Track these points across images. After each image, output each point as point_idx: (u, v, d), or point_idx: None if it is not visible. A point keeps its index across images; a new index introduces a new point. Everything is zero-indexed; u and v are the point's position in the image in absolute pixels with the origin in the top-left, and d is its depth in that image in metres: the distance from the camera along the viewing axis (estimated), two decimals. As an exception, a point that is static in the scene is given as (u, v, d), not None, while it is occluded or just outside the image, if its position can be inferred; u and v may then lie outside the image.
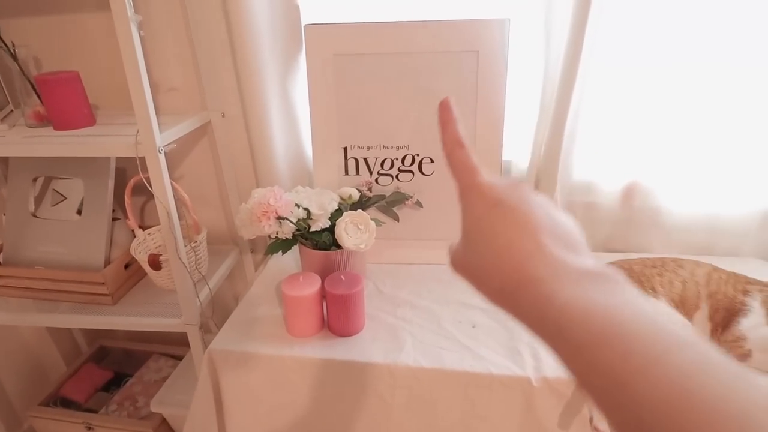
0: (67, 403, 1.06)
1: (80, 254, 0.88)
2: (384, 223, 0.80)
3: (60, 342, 1.23)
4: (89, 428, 0.99)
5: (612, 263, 0.75)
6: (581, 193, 0.93)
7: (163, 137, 0.72)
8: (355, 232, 0.71)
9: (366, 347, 0.69)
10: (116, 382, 1.14)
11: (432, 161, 0.87)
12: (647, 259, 0.74)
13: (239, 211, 0.71)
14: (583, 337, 0.21)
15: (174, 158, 1.01)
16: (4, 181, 1.01)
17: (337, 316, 0.71)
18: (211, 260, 0.96)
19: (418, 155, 0.87)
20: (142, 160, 0.70)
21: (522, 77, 0.84)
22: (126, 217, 0.90)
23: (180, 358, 1.14)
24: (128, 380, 1.13)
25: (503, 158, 0.85)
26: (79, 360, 1.17)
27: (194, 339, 0.81)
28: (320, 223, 0.72)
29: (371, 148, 0.87)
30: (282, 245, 0.75)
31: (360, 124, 0.86)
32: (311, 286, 0.70)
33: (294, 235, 0.74)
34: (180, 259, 0.75)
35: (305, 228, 0.73)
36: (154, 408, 0.96)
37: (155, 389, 1.02)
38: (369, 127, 0.86)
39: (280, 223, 0.70)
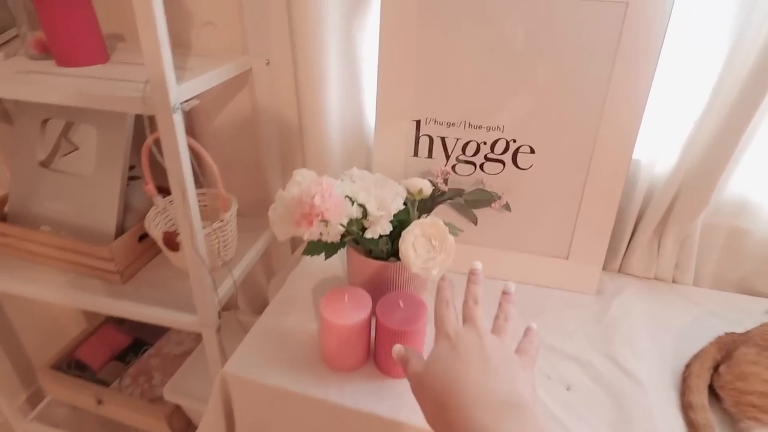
0: (81, 367, 0.99)
1: (90, 217, 0.74)
2: (461, 231, 0.60)
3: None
4: (99, 402, 0.91)
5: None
6: (729, 214, 0.68)
7: (184, 88, 0.55)
8: (427, 249, 0.51)
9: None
10: (135, 348, 1.05)
11: (533, 151, 0.64)
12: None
13: (275, 200, 0.53)
14: None
15: (206, 112, 0.83)
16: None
17: (387, 353, 0.53)
18: (241, 237, 0.81)
19: (514, 141, 0.64)
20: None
21: (684, 45, 0.58)
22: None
23: (202, 334, 1.03)
24: (147, 349, 1.04)
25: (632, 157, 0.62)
26: (99, 319, 1.09)
27: (210, 343, 0.67)
28: (378, 229, 0.53)
29: (452, 125, 0.66)
30: (325, 248, 0.57)
31: (442, 92, 0.64)
32: (359, 312, 0.52)
33: (342, 238, 0.55)
34: (196, 249, 0.58)
35: (358, 232, 0.54)
36: (168, 396, 0.86)
37: (173, 366, 0.93)
38: (453, 97, 0.64)
39: (326, 223, 0.51)
